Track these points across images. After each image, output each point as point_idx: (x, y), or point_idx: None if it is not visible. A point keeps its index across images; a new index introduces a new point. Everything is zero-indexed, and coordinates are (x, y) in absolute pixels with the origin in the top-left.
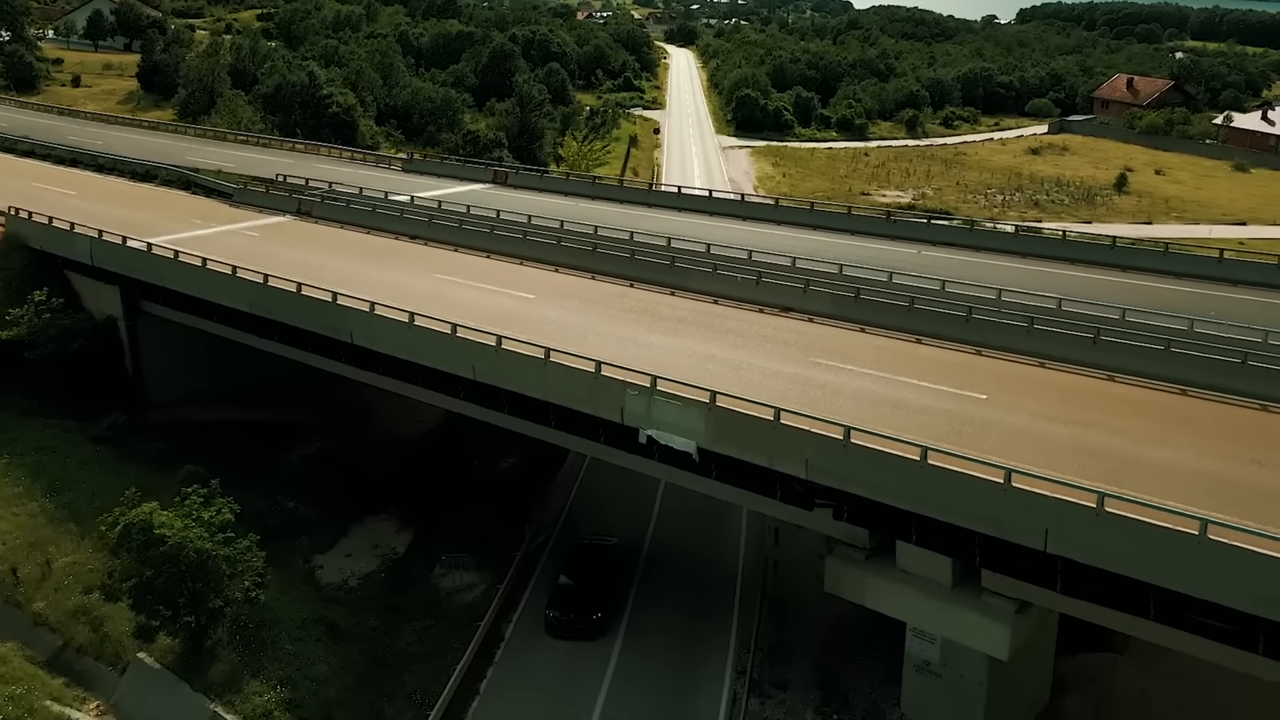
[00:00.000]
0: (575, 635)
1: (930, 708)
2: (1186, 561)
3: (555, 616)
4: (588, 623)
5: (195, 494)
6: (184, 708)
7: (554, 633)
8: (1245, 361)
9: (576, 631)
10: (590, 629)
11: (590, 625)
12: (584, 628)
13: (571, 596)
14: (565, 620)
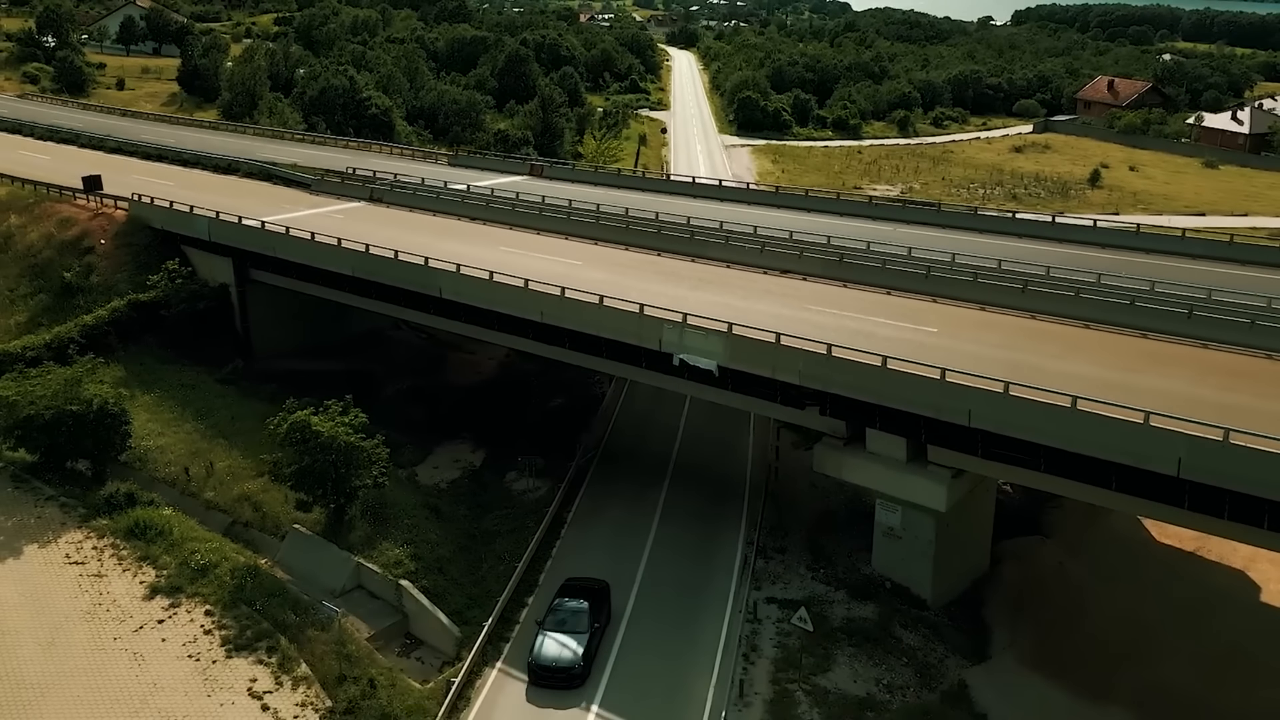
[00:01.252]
0: (558, 686)
1: (894, 564)
2: (1062, 426)
3: (538, 668)
4: (569, 679)
5: (335, 404)
6: (333, 561)
7: (536, 683)
8: (1133, 303)
9: (558, 683)
10: (575, 681)
11: (575, 677)
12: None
13: (554, 648)
14: (546, 673)
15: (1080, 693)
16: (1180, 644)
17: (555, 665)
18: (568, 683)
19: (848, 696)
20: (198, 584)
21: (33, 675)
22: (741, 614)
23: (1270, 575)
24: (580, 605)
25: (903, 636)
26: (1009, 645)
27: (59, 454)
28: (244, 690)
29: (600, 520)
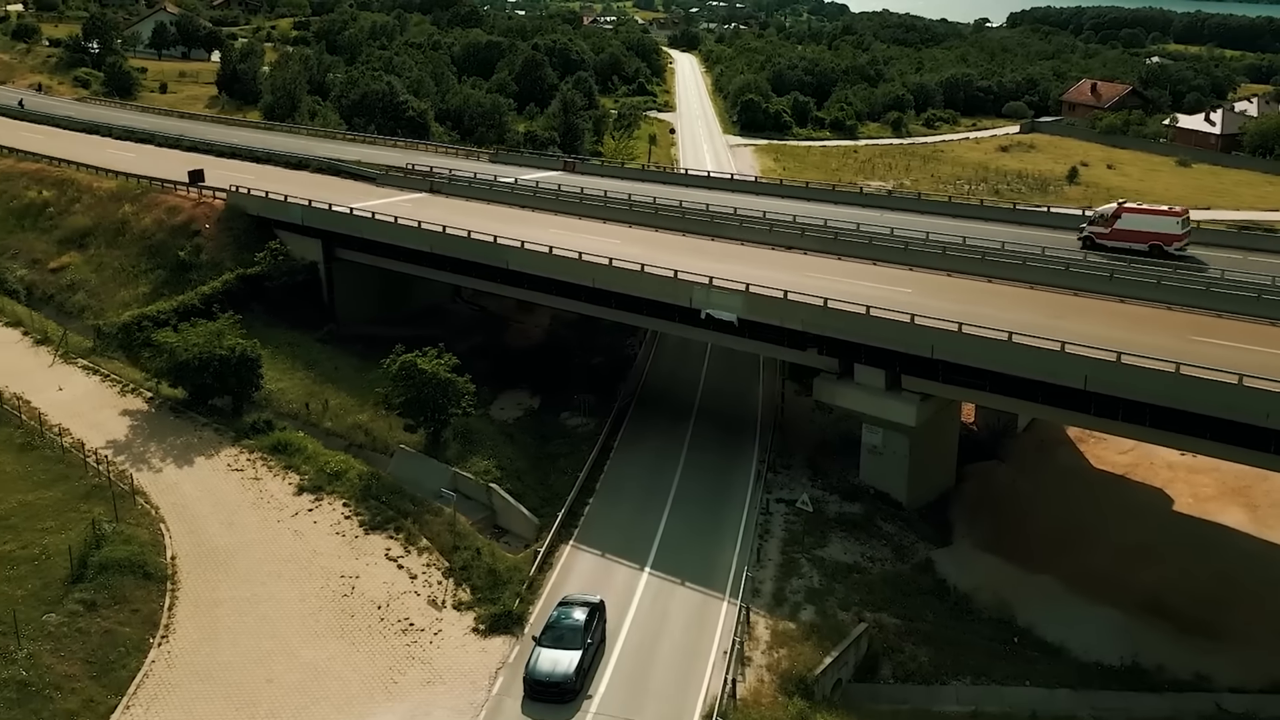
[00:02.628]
0: (551, 701)
1: (877, 476)
2: (1001, 355)
3: (533, 682)
4: (561, 693)
5: (430, 350)
6: (434, 470)
7: (531, 696)
8: (1068, 269)
9: (551, 697)
10: (567, 695)
11: (568, 692)
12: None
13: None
14: (541, 687)
15: (1020, 567)
16: (1102, 540)
17: (549, 680)
18: (560, 697)
19: (839, 563)
20: (333, 485)
21: (222, 545)
22: (757, 509)
23: (1180, 492)
24: (576, 622)
25: (883, 526)
26: (966, 535)
27: (206, 391)
28: (382, 555)
29: (640, 447)
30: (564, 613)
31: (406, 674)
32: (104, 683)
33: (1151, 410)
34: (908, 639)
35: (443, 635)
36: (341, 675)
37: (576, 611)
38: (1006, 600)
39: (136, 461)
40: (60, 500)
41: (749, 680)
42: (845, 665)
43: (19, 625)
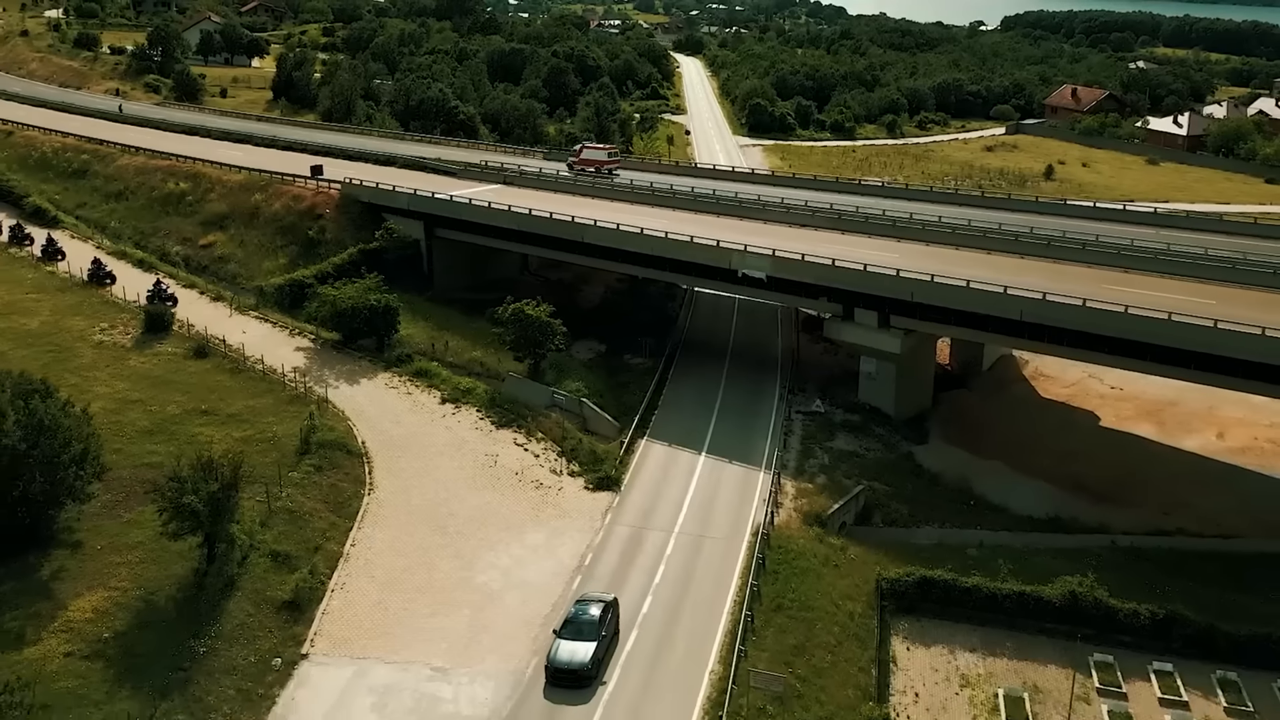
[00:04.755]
0: (571, 687)
1: (871, 395)
2: (962, 297)
3: (553, 670)
4: (578, 680)
5: (531, 302)
6: (537, 391)
7: (553, 682)
8: (1017, 239)
9: (570, 683)
10: (584, 682)
11: (585, 678)
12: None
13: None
14: (561, 674)
15: (977, 456)
16: (1041, 443)
17: (568, 668)
18: (578, 683)
19: (843, 451)
20: (466, 398)
21: (396, 435)
22: (781, 417)
23: (1107, 413)
24: (592, 618)
25: (876, 430)
26: (939, 437)
27: (356, 334)
28: (511, 443)
29: (688, 378)
30: (581, 609)
31: (543, 511)
32: (339, 514)
33: (1067, 333)
34: (893, 499)
35: (564, 490)
36: (500, 511)
37: (593, 608)
38: (966, 477)
39: (317, 381)
40: (272, 405)
41: (781, 516)
42: (848, 512)
43: (277, 478)
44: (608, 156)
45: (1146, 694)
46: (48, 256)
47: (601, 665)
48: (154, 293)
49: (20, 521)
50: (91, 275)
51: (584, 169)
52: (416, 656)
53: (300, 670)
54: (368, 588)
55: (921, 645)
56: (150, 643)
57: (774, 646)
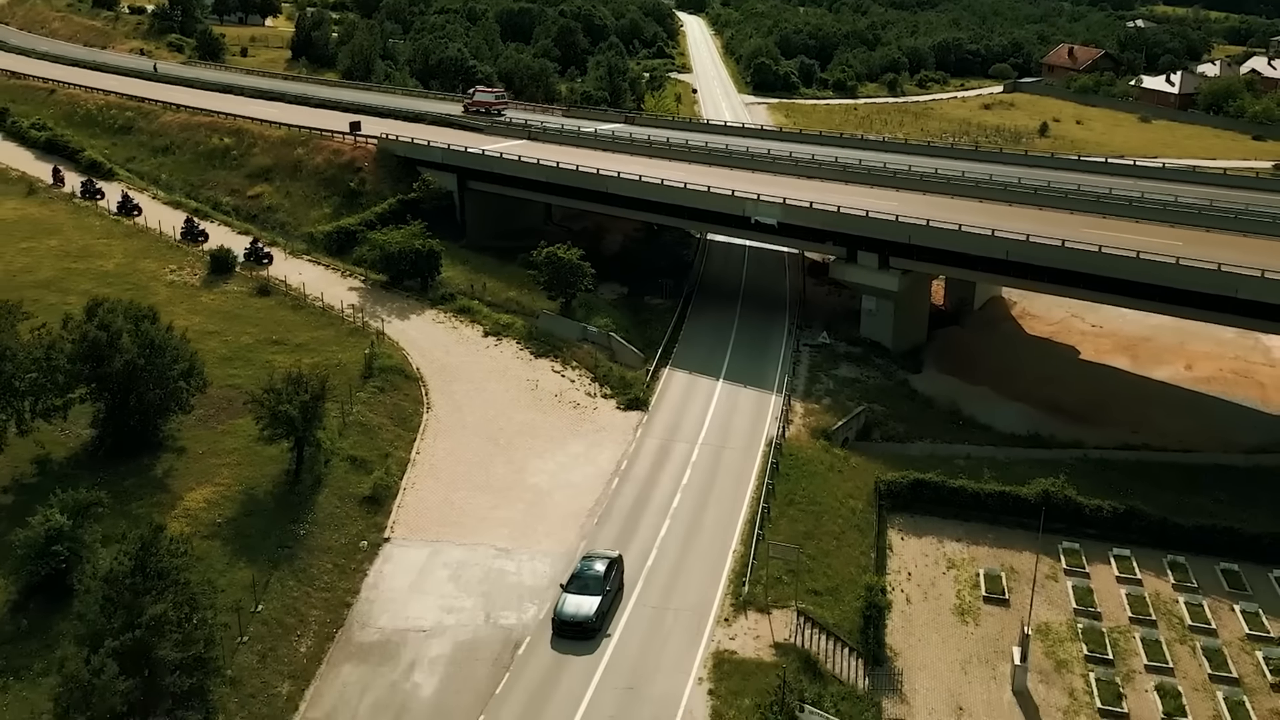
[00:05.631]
0: (576, 638)
1: (872, 330)
2: (954, 239)
3: (560, 623)
4: (584, 632)
5: (562, 246)
6: (569, 326)
7: (559, 634)
8: (1006, 189)
9: (576, 635)
10: (589, 633)
11: (590, 630)
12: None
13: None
14: (567, 626)
15: (966, 382)
16: (1026, 375)
17: (573, 620)
18: (582, 634)
19: (846, 378)
20: (506, 331)
21: (446, 363)
22: (790, 349)
23: (1086, 348)
24: (597, 573)
25: (875, 360)
26: (932, 366)
27: (402, 275)
28: (549, 370)
29: (705, 316)
30: (587, 565)
31: (582, 426)
32: (403, 428)
33: (1048, 271)
34: (890, 418)
35: (598, 410)
36: (543, 427)
37: (597, 564)
38: (955, 401)
39: (371, 316)
40: (334, 336)
41: (791, 431)
42: (850, 429)
43: (348, 397)
44: (495, 99)
45: (1106, 574)
46: (124, 211)
47: (606, 618)
48: (250, 250)
49: (133, 429)
50: (185, 233)
51: (476, 109)
52: (482, 540)
53: (384, 550)
54: (434, 486)
55: (914, 536)
56: (257, 527)
57: (787, 532)
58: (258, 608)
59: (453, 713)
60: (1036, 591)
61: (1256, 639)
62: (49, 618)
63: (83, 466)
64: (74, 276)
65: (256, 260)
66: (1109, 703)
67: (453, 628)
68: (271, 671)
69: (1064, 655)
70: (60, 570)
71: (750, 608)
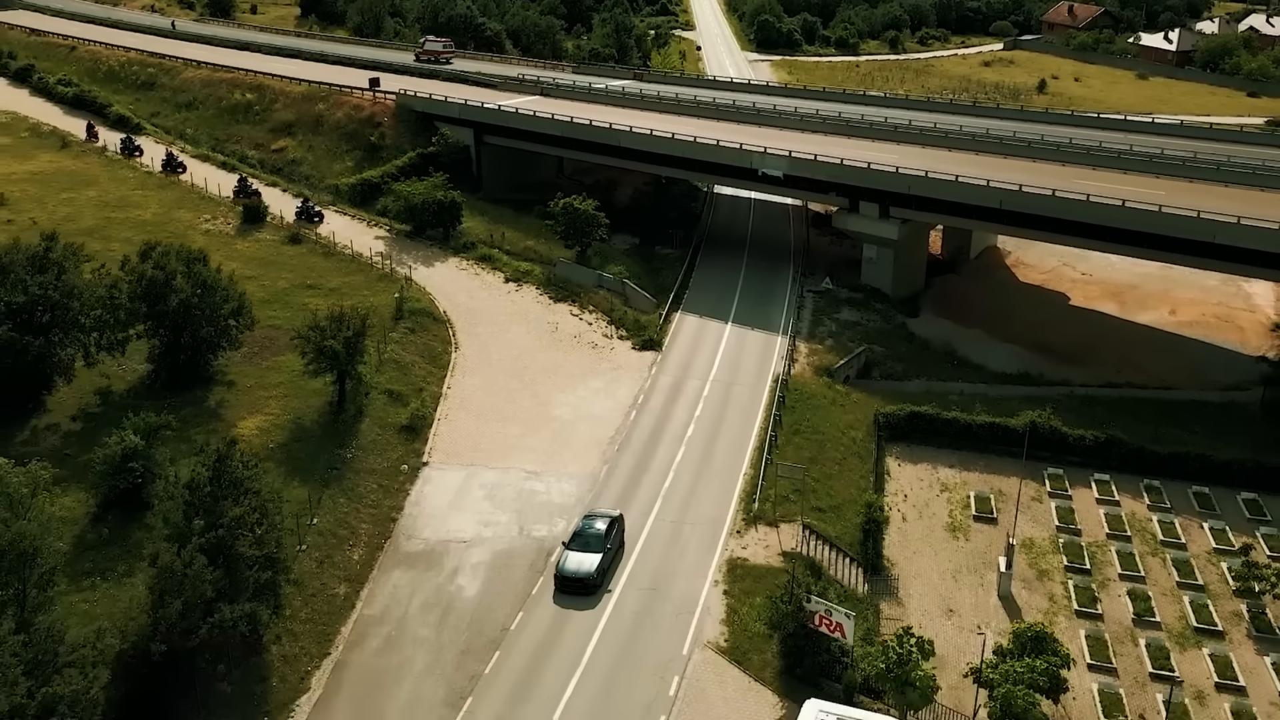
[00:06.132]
0: (577, 593)
1: (872, 277)
2: (951, 189)
3: (562, 579)
4: (585, 588)
5: (578, 197)
6: (584, 273)
7: (561, 590)
8: (1002, 141)
9: (577, 590)
10: (589, 589)
11: (591, 586)
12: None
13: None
14: (568, 582)
15: (961, 325)
16: (1018, 319)
17: (574, 576)
18: (584, 590)
19: (848, 321)
20: (526, 278)
21: (471, 307)
22: (795, 294)
23: (1076, 295)
24: (598, 531)
25: (876, 305)
26: (929, 311)
27: (425, 225)
28: (568, 313)
29: (714, 264)
30: (588, 524)
31: (600, 365)
32: (434, 365)
33: (1039, 219)
34: (888, 358)
35: (615, 349)
36: (565, 365)
37: (599, 522)
38: (951, 343)
39: (398, 263)
40: (364, 281)
41: (796, 368)
42: (852, 368)
43: (382, 336)
44: (443, 48)
45: (1086, 496)
46: (169, 169)
47: (606, 575)
48: (302, 209)
49: (185, 364)
50: (238, 187)
51: (427, 58)
52: (513, 464)
53: (423, 473)
54: (466, 417)
55: (910, 463)
56: (306, 452)
57: (793, 457)
58: (313, 520)
59: (494, 610)
60: (1023, 512)
61: (1222, 552)
62: (126, 527)
63: (141, 398)
64: (114, 225)
65: (308, 219)
66: (1085, 605)
67: (490, 539)
68: (329, 575)
69: (1045, 566)
70: (135, 485)
71: (760, 522)
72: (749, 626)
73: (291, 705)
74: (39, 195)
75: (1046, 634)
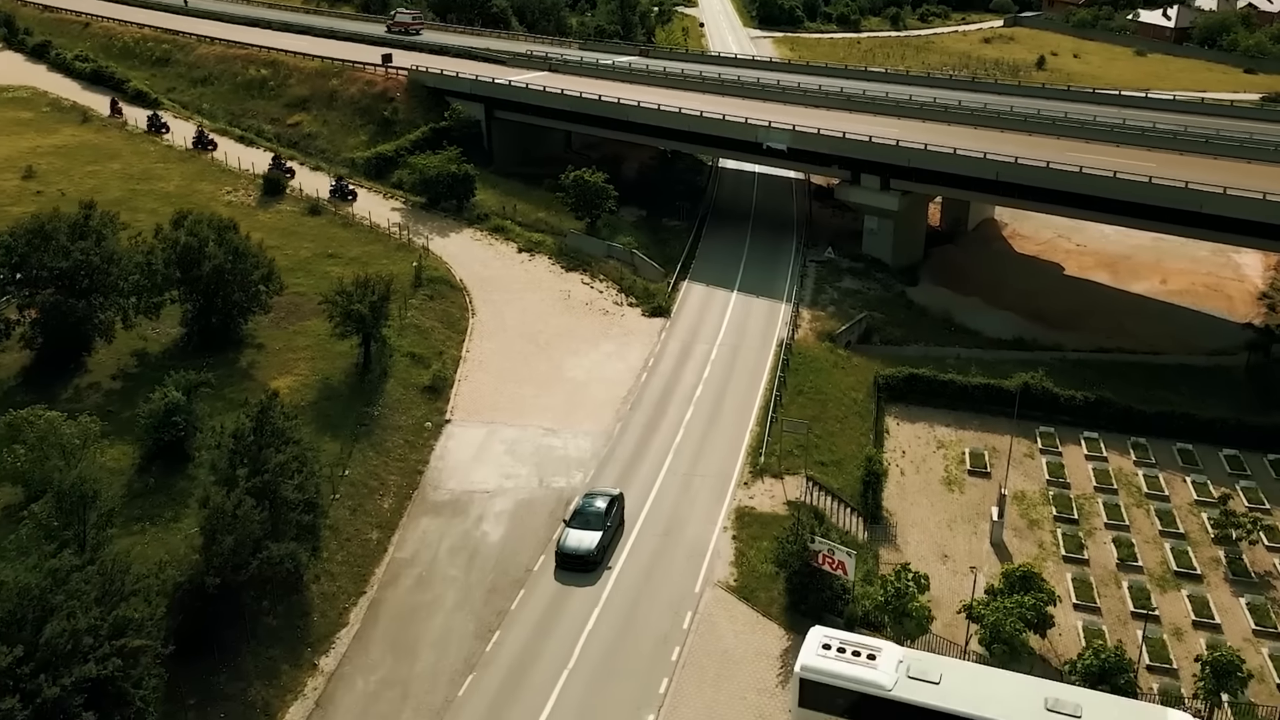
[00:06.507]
0: (578, 570)
1: (873, 248)
2: (948, 161)
3: (562, 555)
4: (585, 564)
5: (588, 170)
6: (594, 244)
7: (561, 566)
8: (1000, 116)
9: (577, 567)
10: (590, 566)
11: (591, 563)
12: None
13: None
14: (569, 559)
15: (958, 293)
16: (1014, 288)
17: (575, 553)
18: (584, 567)
19: (849, 289)
20: (538, 248)
21: (485, 276)
22: (798, 265)
23: (1070, 265)
24: (598, 510)
25: (876, 274)
26: (928, 279)
27: (439, 197)
28: (579, 282)
29: (719, 236)
30: (588, 502)
31: (612, 330)
32: (453, 330)
33: (1033, 190)
34: (888, 324)
35: (625, 316)
36: (578, 329)
37: (599, 501)
38: (948, 310)
39: (414, 234)
40: (383, 251)
41: (799, 334)
42: (853, 333)
43: (402, 303)
44: (413, 20)
45: (1076, 453)
46: (200, 146)
47: (607, 552)
48: (336, 188)
49: (216, 327)
50: (273, 165)
51: (397, 29)
52: (531, 422)
53: (446, 429)
54: (485, 379)
55: (908, 422)
56: (336, 409)
57: (797, 415)
58: (345, 472)
59: (518, 553)
60: (1015, 467)
61: (1203, 504)
62: (170, 477)
63: (175, 359)
64: (139, 197)
65: (342, 197)
66: (1072, 551)
67: (512, 490)
68: (362, 522)
69: (1036, 516)
70: (178, 438)
71: (766, 474)
72: (756, 568)
73: (332, 637)
74: (65, 168)
75: (1034, 574)
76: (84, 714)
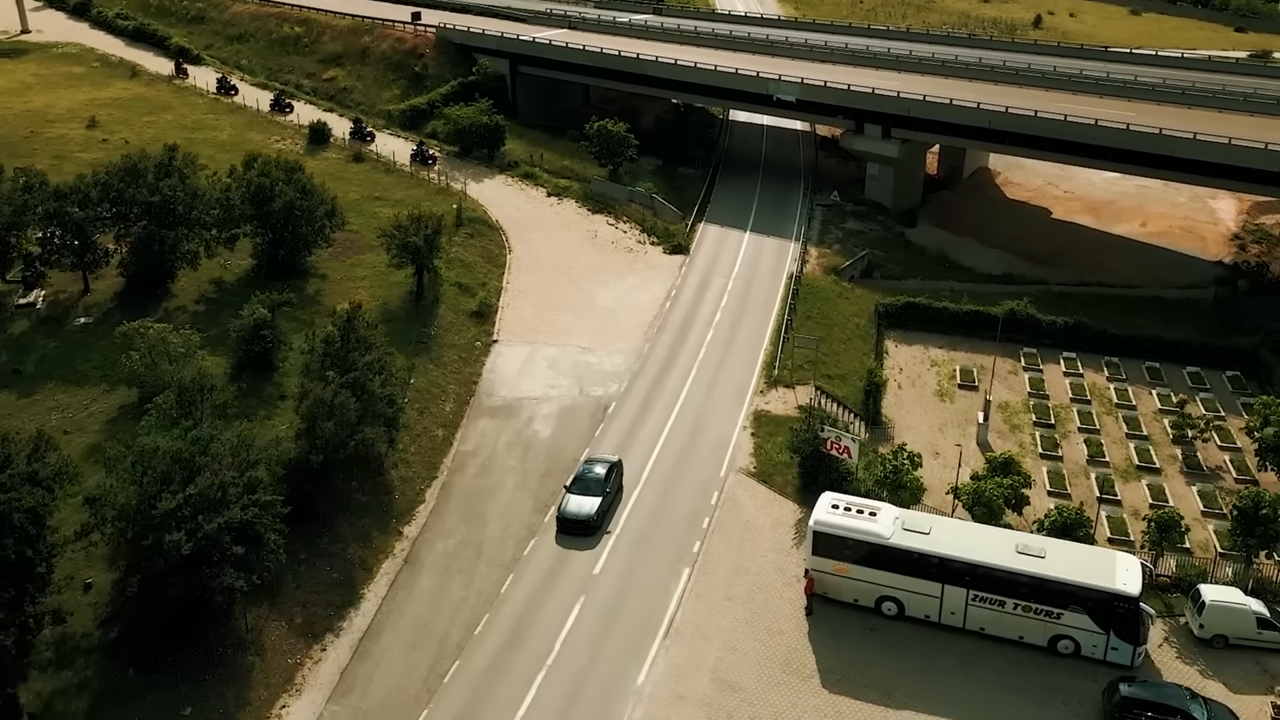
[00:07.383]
0: (578, 534)
1: (875, 193)
2: (946, 111)
3: (563, 520)
4: (586, 529)
5: (610, 120)
6: (617, 189)
7: (562, 531)
8: (993, 70)
9: (578, 531)
10: (590, 530)
11: (592, 528)
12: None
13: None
14: (569, 524)
15: (953, 234)
16: (1004, 229)
17: (575, 518)
18: (584, 532)
19: (852, 230)
20: (565, 193)
21: (519, 217)
22: (805, 208)
23: (1058, 209)
24: (598, 476)
25: (877, 217)
26: (925, 222)
27: (471, 146)
28: (604, 223)
29: (732, 182)
30: (588, 468)
31: (637, 265)
32: (493, 264)
33: (1022, 137)
34: (888, 261)
35: (648, 253)
36: (606, 264)
37: (598, 467)
38: (943, 248)
39: (451, 180)
40: (424, 194)
41: (807, 268)
42: (856, 269)
43: (448, 240)
44: None
45: (1055, 371)
46: (277, 109)
47: (606, 517)
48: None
49: (282, 259)
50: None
51: None
52: (569, 342)
53: (494, 349)
54: (526, 306)
55: (905, 344)
56: (395, 330)
57: (806, 336)
58: (411, 380)
59: (566, 447)
60: (1000, 382)
61: (1165, 412)
62: (258, 384)
63: (249, 286)
64: (196, 144)
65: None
66: (1048, 450)
67: (556, 397)
68: (429, 421)
69: (1017, 422)
70: (265, 349)
71: (779, 384)
72: (773, 457)
73: (412, 511)
74: (124, 119)
75: (1013, 460)
76: (233, 547)
